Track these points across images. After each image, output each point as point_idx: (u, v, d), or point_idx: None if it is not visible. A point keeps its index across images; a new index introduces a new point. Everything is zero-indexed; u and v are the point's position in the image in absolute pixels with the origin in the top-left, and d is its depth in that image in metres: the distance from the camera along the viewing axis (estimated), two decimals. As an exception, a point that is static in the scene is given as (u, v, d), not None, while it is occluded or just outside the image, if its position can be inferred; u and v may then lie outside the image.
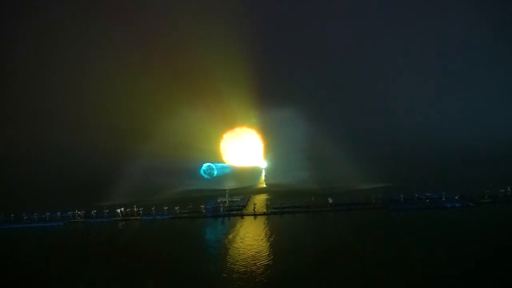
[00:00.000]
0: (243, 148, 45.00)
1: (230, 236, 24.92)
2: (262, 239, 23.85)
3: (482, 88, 35.90)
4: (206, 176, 40.56)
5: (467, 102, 36.01)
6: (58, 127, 37.43)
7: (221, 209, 32.18)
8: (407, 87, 38.29)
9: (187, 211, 32.01)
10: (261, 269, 18.19)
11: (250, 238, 24.29)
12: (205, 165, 41.11)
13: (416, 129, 36.87)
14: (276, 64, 40.82)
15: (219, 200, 34.90)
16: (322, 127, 40.38)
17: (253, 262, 19.28)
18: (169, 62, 38.19)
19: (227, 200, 34.53)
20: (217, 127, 42.18)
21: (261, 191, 41.51)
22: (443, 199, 30.62)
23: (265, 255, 20.27)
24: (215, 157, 42.19)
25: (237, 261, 19.51)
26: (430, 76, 37.44)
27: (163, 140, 39.72)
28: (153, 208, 32.38)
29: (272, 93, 42.02)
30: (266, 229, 26.36)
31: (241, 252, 21.21)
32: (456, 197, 30.41)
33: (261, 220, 29.16)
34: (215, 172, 41.49)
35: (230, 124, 43.20)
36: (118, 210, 32.19)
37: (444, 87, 36.92)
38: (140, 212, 32.23)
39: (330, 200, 31.83)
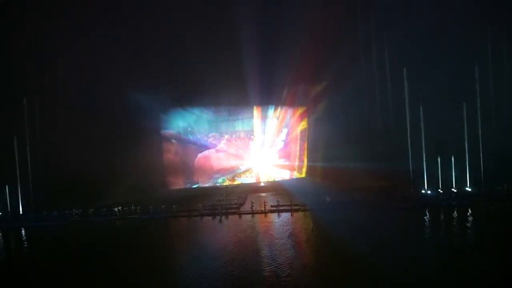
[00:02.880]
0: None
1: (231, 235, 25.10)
2: (261, 236, 24.03)
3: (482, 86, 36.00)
4: None
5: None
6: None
7: (219, 207, 32.23)
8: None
9: (185, 209, 32.07)
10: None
11: (252, 235, 24.51)
12: None
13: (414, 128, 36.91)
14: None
15: (216, 199, 35.05)
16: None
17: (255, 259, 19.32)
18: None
19: (225, 199, 34.67)
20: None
21: (258, 189, 41.81)
22: (440, 197, 30.88)
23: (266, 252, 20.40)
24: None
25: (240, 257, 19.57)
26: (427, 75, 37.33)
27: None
28: (150, 207, 32.45)
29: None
30: (265, 227, 26.57)
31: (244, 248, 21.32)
32: (452, 195, 30.68)
33: (259, 218, 29.31)
34: None
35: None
36: (116, 209, 32.22)
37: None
38: (138, 210, 32.24)
39: (328, 199, 31.99)
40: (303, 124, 45.73)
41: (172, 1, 34.80)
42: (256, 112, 44.47)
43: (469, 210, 27.70)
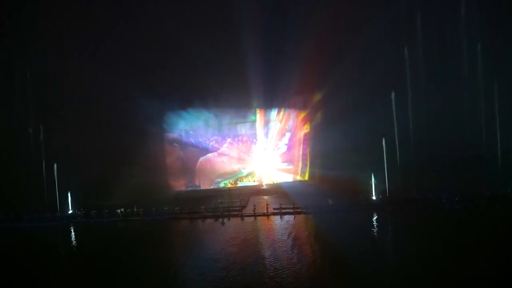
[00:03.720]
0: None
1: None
2: (263, 239, 23.93)
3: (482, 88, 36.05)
4: None
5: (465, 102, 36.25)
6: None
7: (221, 210, 32.17)
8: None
9: (187, 211, 32.04)
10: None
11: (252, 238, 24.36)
12: None
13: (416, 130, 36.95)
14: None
15: (218, 201, 35.00)
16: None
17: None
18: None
19: (227, 201, 34.63)
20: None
21: (260, 192, 41.67)
22: (443, 200, 30.71)
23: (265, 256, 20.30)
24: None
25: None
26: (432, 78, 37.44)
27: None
28: (153, 209, 32.49)
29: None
30: (267, 229, 26.59)
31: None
32: (456, 198, 30.49)
33: (261, 221, 29.25)
34: None
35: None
36: (118, 211, 32.28)
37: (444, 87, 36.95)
38: (140, 212, 32.27)
39: (330, 201, 31.93)
40: (306, 128, 45.79)
41: (176, 4, 35.18)
42: (259, 115, 44.62)
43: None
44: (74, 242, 26.30)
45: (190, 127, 43.88)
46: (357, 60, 37.26)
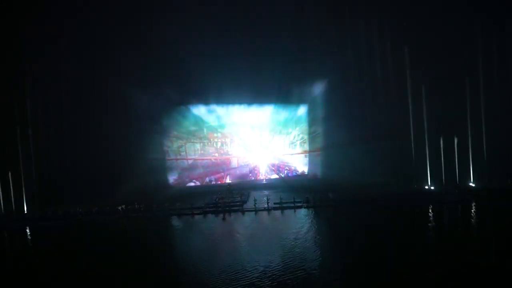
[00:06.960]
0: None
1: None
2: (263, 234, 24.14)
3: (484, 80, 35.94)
4: None
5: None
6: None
7: (222, 205, 32.25)
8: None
9: (187, 207, 32.09)
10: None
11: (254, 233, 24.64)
12: None
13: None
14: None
15: (219, 196, 35.06)
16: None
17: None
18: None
19: (228, 196, 34.70)
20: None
21: (261, 186, 41.74)
22: (443, 193, 30.83)
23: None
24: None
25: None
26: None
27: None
28: (154, 205, 32.58)
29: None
30: (267, 224, 26.87)
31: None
32: (456, 191, 30.62)
33: (262, 215, 29.37)
34: None
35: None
36: (119, 208, 32.37)
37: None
38: (142, 209, 32.35)
39: (330, 196, 32.07)
40: (307, 122, 45.58)
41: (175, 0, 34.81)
42: (261, 110, 44.35)
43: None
44: (78, 240, 26.23)
45: (191, 123, 43.57)
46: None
